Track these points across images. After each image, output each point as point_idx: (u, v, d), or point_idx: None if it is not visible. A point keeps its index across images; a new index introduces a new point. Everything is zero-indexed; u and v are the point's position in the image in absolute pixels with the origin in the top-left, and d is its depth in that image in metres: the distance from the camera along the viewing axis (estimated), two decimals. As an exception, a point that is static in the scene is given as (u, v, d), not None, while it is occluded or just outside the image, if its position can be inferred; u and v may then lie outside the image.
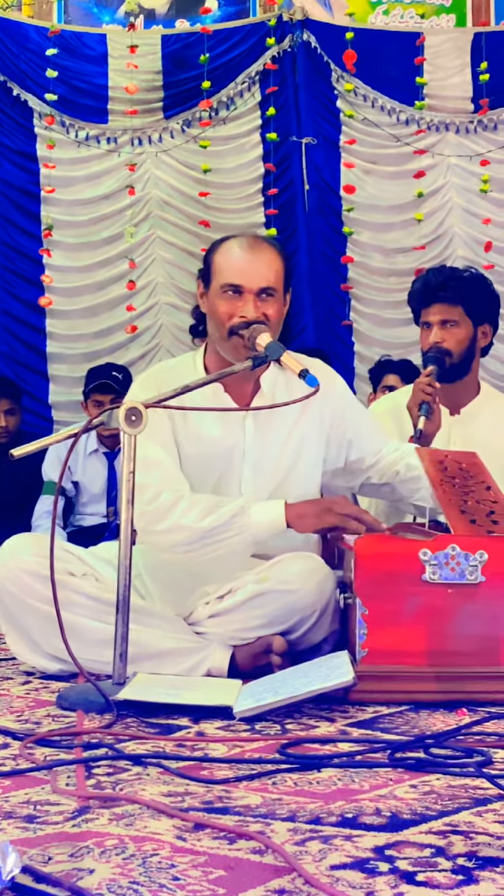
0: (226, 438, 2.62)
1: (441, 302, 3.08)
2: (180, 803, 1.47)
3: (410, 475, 2.77)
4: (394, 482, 2.80)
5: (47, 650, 2.46)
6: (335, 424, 2.73)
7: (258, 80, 6.22)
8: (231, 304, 2.55)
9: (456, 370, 3.10)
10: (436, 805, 1.46)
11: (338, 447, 2.76)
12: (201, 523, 2.45)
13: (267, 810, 1.44)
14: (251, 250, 2.58)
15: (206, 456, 2.60)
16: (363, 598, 2.22)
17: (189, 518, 2.46)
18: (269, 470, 2.64)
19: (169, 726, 1.97)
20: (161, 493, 2.48)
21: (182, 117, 6.20)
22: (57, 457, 4.81)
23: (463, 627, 2.23)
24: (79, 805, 1.45)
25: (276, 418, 2.64)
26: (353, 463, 2.80)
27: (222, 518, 2.45)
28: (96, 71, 6.13)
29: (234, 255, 2.59)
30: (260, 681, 2.22)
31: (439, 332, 3.08)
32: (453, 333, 3.08)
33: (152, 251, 6.20)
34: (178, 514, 2.47)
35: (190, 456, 2.60)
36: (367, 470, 2.81)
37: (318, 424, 2.71)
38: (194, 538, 2.46)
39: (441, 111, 6.27)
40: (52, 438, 2.49)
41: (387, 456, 2.80)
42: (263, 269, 2.56)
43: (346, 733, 1.93)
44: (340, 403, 2.75)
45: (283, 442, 2.66)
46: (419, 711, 2.12)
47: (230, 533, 2.45)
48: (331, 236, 6.26)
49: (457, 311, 3.08)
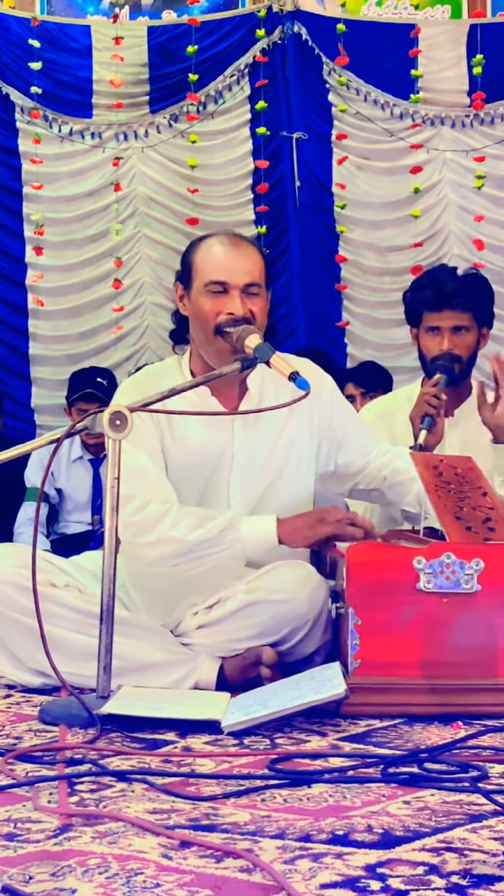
0: (214, 443, 2.63)
1: (454, 308, 3.09)
2: (166, 820, 1.47)
3: (398, 479, 2.78)
4: (382, 487, 2.81)
5: (29, 664, 2.46)
6: (325, 426, 2.74)
7: (247, 73, 6.22)
8: (216, 301, 2.55)
9: (463, 375, 3.13)
10: (430, 821, 1.47)
11: (328, 450, 2.77)
12: (190, 536, 2.46)
13: (255, 827, 1.44)
14: (233, 246, 2.59)
15: (193, 461, 2.61)
16: (356, 607, 2.23)
17: (177, 531, 2.46)
18: (258, 474, 2.65)
19: (155, 741, 1.97)
20: (148, 503, 2.48)
21: (169, 111, 6.20)
22: (40, 462, 4.81)
23: (458, 638, 2.24)
24: (61, 823, 1.45)
25: (265, 421, 2.65)
26: (342, 467, 2.80)
27: (212, 532, 2.46)
28: (80, 64, 6.13)
29: (215, 252, 2.59)
30: (249, 694, 2.23)
31: (451, 339, 3.09)
32: (464, 339, 3.11)
33: (138, 249, 6.20)
34: (165, 526, 2.47)
35: (177, 462, 2.61)
36: (356, 475, 2.82)
37: (307, 426, 2.71)
38: (182, 551, 2.46)
39: (436, 105, 6.29)
40: (34, 444, 2.48)
41: (375, 459, 2.82)
42: (247, 265, 2.57)
43: (338, 748, 1.94)
44: (330, 405, 2.76)
45: (271, 445, 2.67)
46: (413, 725, 2.12)
47: (220, 547, 2.46)
48: (323, 234, 6.26)
49: (467, 316, 3.11)
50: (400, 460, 2.77)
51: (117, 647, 2.19)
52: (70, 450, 4.90)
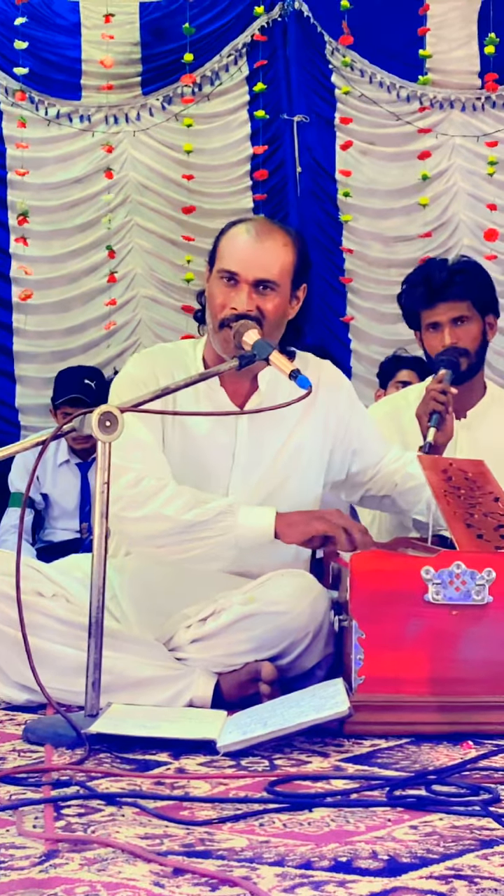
0: (216, 438, 2.63)
1: (448, 300, 3.08)
2: (158, 846, 1.47)
3: (408, 486, 2.78)
4: (393, 494, 2.82)
5: (14, 678, 2.46)
6: (340, 433, 2.75)
7: (245, 52, 6.23)
8: (225, 293, 2.56)
9: (471, 370, 3.12)
10: (438, 847, 1.47)
11: (342, 457, 2.77)
12: (183, 516, 2.46)
13: (253, 854, 1.44)
14: (257, 237, 2.59)
15: (191, 454, 2.61)
16: (360, 620, 2.23)
17: (170, 508, 2.46)
18: (261, 477, 2.65)
19: (146, 762, 1.97)
20: (143, 478, 2.49)
21: (162, 93, 6.21)
22: (24, 466, 4.81)
23: (469, 652, 2.24)
24: (47, 848, 1.46)
25: (274, 421, 2.65)
26: (355, 475, 2.82)
27: (207, 514, 2.46)
28: (68, 42, 6.13)
29: (237, 240, 2.60)
30: (247, 711, 2.23)
31: (453, 332, 3.08)
32: (467, 330, 3.10)
33: (130, 239, 6.21)
34: (158, 502, 2.47)
35: (175, 450, 2.61)
36: (368, 482, 2.83)
37: (321, 432, 2.72)
38: (173, 531, 2.46)
39: (445, 87, 6.30)
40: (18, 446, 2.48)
41: (387, 465, 2.82)
42: (265, 259, 2.56)
43: (341, 769, 1.94)
44: (347, 410, 2.77)
45: (278, 448, 2.67)
46: (420, 745, 2.12)
47: (213, 532, 2.46)
48: (325, 223, 6.27)
49: (465, 306, 3.10)
50: (412, 465, 2.78)
51: (107, 661, 2.19)
52: (56, 453, 4.89)
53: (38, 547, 4.85)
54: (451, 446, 3.07)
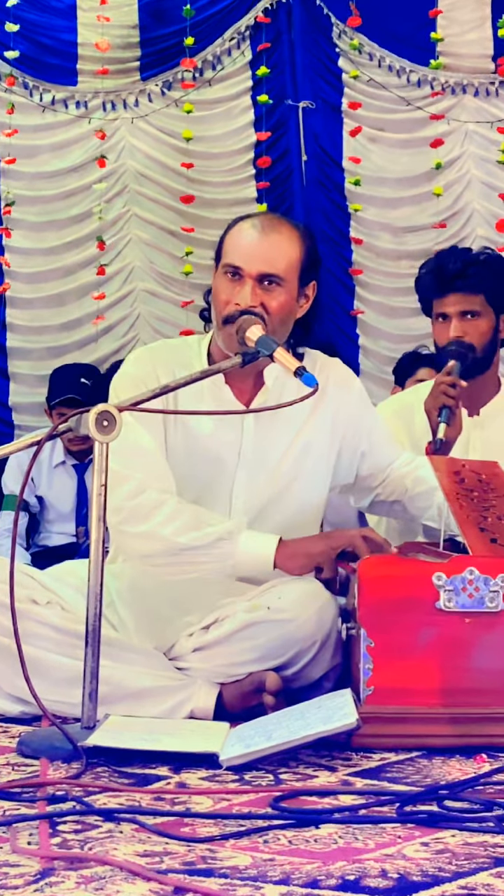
0: (220, 435, 2.64)
1: (459, 291, 3.09)
2: (158, 864, 1.48)
3: (418, 490, 2.78)
4: (403, 499, 2.82)
5: (7, 689, 2.47)
6: (349, 433, 2.75)
7: (248, 35, 6.24)
8: (230, 288, 2.57)
9: (478, 366, 3.12)
10: (450, 865, 1.47)
11: (350, 460, 2.78)
12: (180, 538, 2.47)
13: (257, 872, 1.44)
14: (262, 231, 2.60)
15: (195, 454, 2.62)
16: (368, 628, 2.23)
17: (168, 529, 2.48)
18: (267, 477, 2.66)
19: (146, 776, 1.97)
20: (144, 489, 2.50)
21: (161, 78, 6.22)
22: (18, 467, 4.82)
23: (482, 662, 2.24)
24: (42, 866, 1.46)
25: (281, 420, 2.66)
26: (365, 479, 2.82)
27: (205, 539, 2.47)
28: (63, 25, 6.14)
29: (242, 234, 2.61)
30: (251, 724, 2.23)
31: (460, 325, 3.09)
32: (475, 325, 3.10)
33: (127, 231, 6.22)
34: (157, 520, 2.48)
35: (177, 450, 2.62)
36: (378, 486, 2.83)
37: (329, 431, 2.72)
38: (168, 552, 2.48)
39: (457, 71, 6.30)
40: (12, 446, 2.49)
41: (398, 469, 2.82)
42: (269, 253, 2.57)
43: (349, 784, 1.94)
44: (357, 410, 2.78)
45: (286, 447, 2.68)
46: (432, 758, 2.12)
47: (208, 558, 2.48)
48: (333, 213, 6.28)
49: (478, 300, 3.10)
50: (423, 469, 2.78)
51: (104, 671, 2.19)
52: (52, 454, 4.90)
53: (33, 552, 4.86)
54: (464, 446, 3.07)
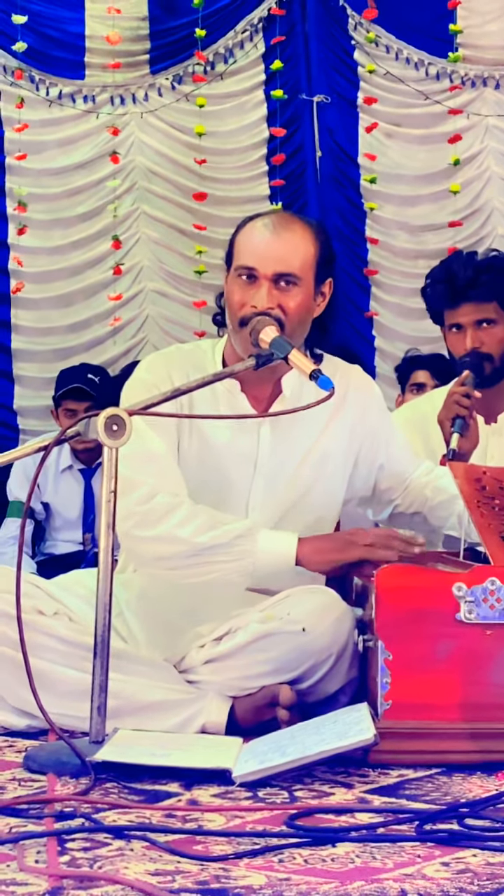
0: (236, 444, 2.64)
1: (472, 301, 3.09)
2: (170, 884, 1.48)
3: (439, 500, 2.78)
4: (423, 510, 2.82)
5: (13, 702, 2.47)
6: (367, 443, 2.76)
7: (262, 28, 6.24)
8: (244, 290, 2.57)
9: (497, 374, 3.12)
10: (472, 886, 1.47)
11: (367, 470, 2.78)
12: (198, 538, 2.47)
13: (272, 892, 1.44)
14: (274, 229, 2.60)
15: (210, 462, 2.62)
16: (386, 640, 2.23)
17: (186, 530, 2.48)
18: (285, 487, 2.66)
19: (156, 793, 1.97)
20: (156, 494, 2.51)
21: (172, 72, 6.23)
22: (24, 473, 4.81)
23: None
24: (50, 885, 1.46)
25: (298, 427, 2.66)
26: (384, 492, 2.83)
27: (224, 537, 2.47)
28: (71, 17, 6.15)
29: (254, 234, 2.61)
30: (264, 739, 2.23)
31: (475, 335, 3.09)
32: (492, 333, 3.11)
33: (136, 229, 6.23)
34: (173, 522, 2.48)
35: (191, 459, 2.62)
36: (397, 498, 2.84)
37: (346, 439, 2.72)
38: (186, 554, 2.48)
39: (478, 63, 6.30)
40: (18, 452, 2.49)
41: (417, 480, 2.82)
42: (284, 252, 2.57)
43: (366, 801, 1.94)
44: (376, 421, 2.78)
45: (303, 455, 2.68)
46: (452, 775, 2.12)
47: (228, 557, 2.47)
48: (348, 211, 6.28)
49: (491, 307, 3.11)
50: (443, 479, 2.78)
51: (113, 684, 2.20)
52: (58, 458, 4.89)
53: (39, 560, 4.86)
54: (482, 453, 3.07)
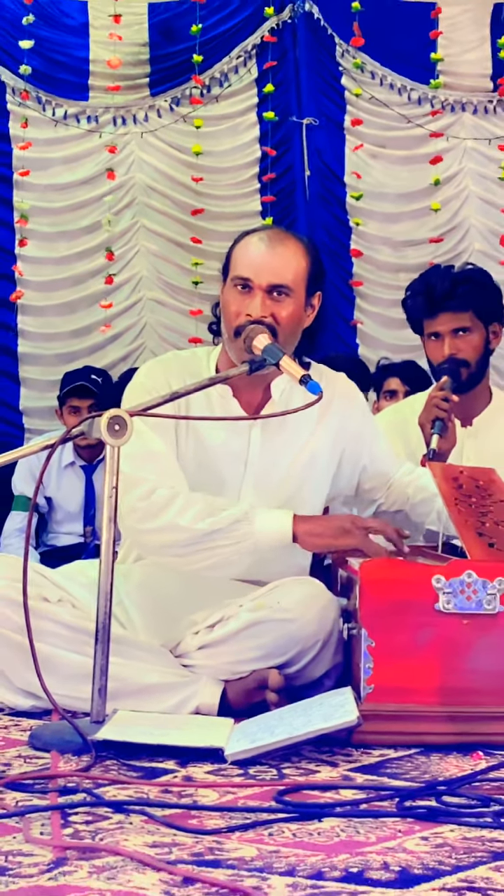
0: (229, 445, 2.65)
1: (450, 310, 3.10)
2: (167, 855, 1.48)
3: (420, 498, 2.80)
4: (405, 508, 2.83)
5: (19, 684, 2.47)
6: (351, 446, 2.76)
7: (255, 54, 6.24)
8: (240, 300, 2.57)
9: (472, 379, 3.13)
10: (450, 859, 1.47)
11: (351, 470, 2.78)
12: (199, 525, 2.47)
13: (263, 864, 1.44)
14: (269, 243, 2.61)
15: (204, 461, 2.63)
16: (369, 628, 2.23)
17: (185, 518, 2.47)
18: (274, 486, 2.66)
19: (153, 770, 1.97)
20: (155, 489, 2.51)
21: (170, 94, 6.22)
22: (28, 468, 4.80)
23: (479, 662, 2.24)
24: (55, 856, 1.46)
25: (288, 431, 2.66)
26: (368, 492, 2.84)
27: (223, 522, 2.47)
28: (76, 42, 6.15)
29: (250, 247, 2.62)
30: (254, 720, 2.23)
31: (453, 343, 3.10)
32: (468, 341, 3.11)
33: (136, 242, 6.22)
34: (173, 512, 2.48)
35: (188, 459, 2.62)
36: (380, 498, 2.85)
37: (332, 441, 2.73)
38: (189, 541, 2.47)
39: (457, 90, 6.32)
40: (25, 450, 2.48)
41: (399, 480, 2.83)
42: (277, 265, 2.58)
43: (350, 779, 1.94)
44: (360, 425, 2.78)
45: (292, 457, 2.68)
46: (430, 755, 2.12)
47: (229, 540, 2.47)
48: (334, 227, 6.28)
49: (466, 316, 3.11)
50: (423, 479, 2.79)
51: (113, 668, 2.19)
52: (61, 455, 4.88)
53: (41, 551, 4.85)
54: (458, 455, 3.08)
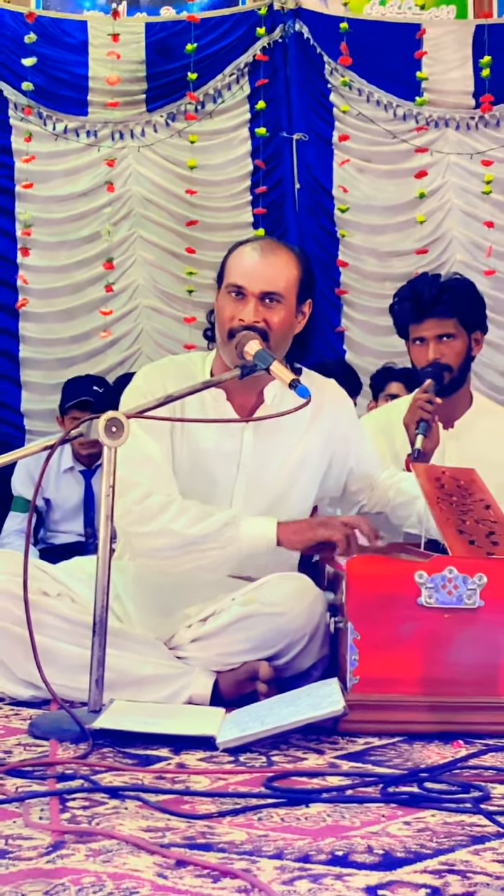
0: (222, 447, 2.65)
1: (435, 316, 3.10)
2: (161, 839, 1.48)
3: (400, 501, 2.80)
4: (386, 510, 2.84)
5: (19, 675, 2.47)
6: (339, 449, 2.77)
7: (247, 71, 6.25)
8: (233, 306, 2.58)
9: (454, 383, 3.13)
10: (431, 843, 1.48)
11: (338, 472, 2.79)
12: (190, 530, 2.48)
13: (253, 847, 1.45)
14: (262, 253, 2.61)
15: (199, 463, 2.63)
16: (355, 622, 2.23)
17: (178, 524, 2.48)
18: (266, 487, 2.66)
19: (148, 757, 1.98)
20: (151, 494, 2.51)
21: (166, 110, 6.23)
22: (27, 470, 4.74)
23: (460, 655, 2.24)
24: (53, 840, 1.46)
25: (279, 433, 2.66)
26: (353, 493, 2.85)
27: (212, 527, 2.48)
28: (76, 60, 6.15)
29: (244, 256, 2.62)
30: (245, 709, 2.23)
31: (437, 348, 3.10)
32: (451, 346, 3.12)
33: (133, 251, 6.22)
34: (166, 518, 2.49)
35: (182, 460, 2.63)
36: (363, 499, 2.86)
37: (322, 444, 2.73)
38: (180, 545, 2.49)
39: (441, 106, 6.32)
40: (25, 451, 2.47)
41: (382, 482, 2.84)
42: (270, 273, 2.58)
43: (336, 766, 1.94)
44: (348, 429, 2.79)
45: (283, 458, 2.69)
46: (413, 743, 2.13)
47: (217, 544, 2.48)
48: (322, 238, 6.29)
49: (451, 323, 3.11)
50: (405, 482, 2.80)
51: (110, 659, 2.19)
52: (60, 459, 4.84)
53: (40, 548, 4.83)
54: (440, 456, 3.08)
